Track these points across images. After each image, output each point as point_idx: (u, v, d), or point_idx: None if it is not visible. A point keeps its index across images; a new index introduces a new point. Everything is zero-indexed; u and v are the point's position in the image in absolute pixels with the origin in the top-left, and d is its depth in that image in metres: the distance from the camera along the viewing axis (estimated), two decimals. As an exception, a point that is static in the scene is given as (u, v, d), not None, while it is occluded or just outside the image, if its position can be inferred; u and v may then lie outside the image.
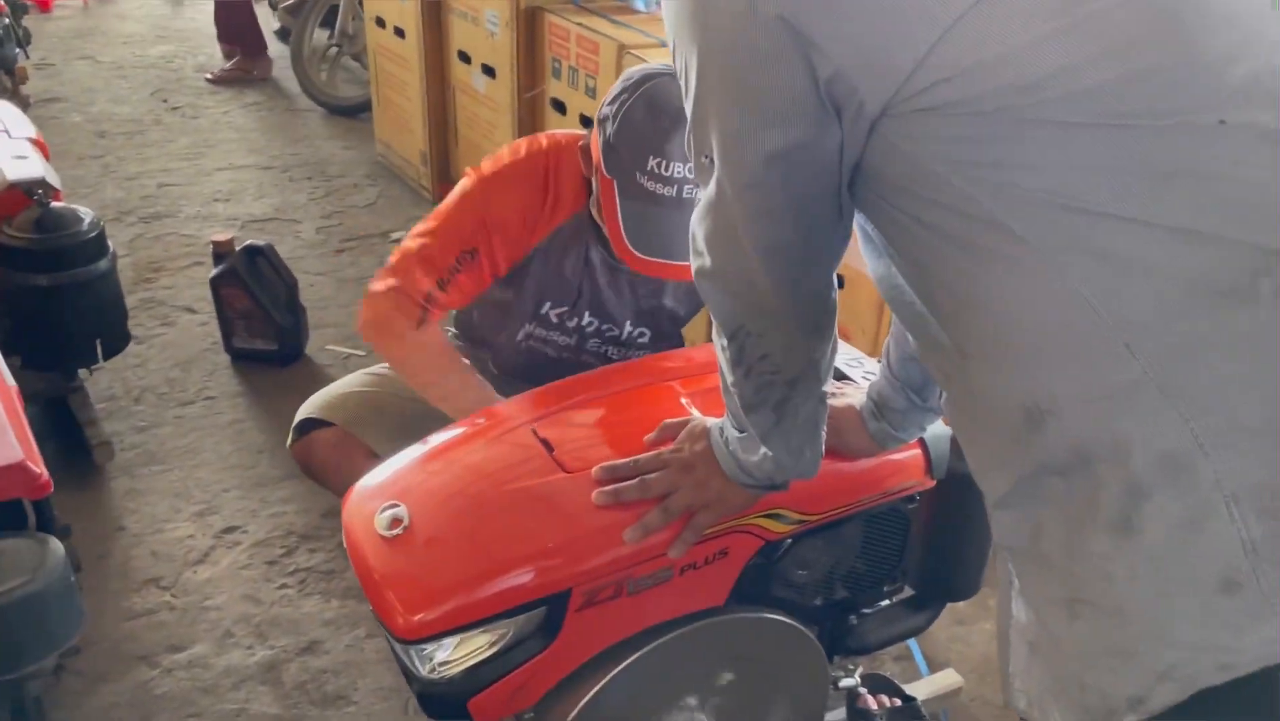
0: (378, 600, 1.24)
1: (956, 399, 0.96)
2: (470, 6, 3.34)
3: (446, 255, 1.65)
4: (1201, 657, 0.76)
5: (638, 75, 1.51)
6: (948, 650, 1.99)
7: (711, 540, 1.28)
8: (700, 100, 0.92)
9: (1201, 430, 0.74)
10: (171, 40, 5.66)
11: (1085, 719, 0.84)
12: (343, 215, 3.74)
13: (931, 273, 0.89)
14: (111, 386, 2.66)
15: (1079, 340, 0.78)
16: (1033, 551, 0.88)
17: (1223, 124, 0.73)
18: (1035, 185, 0.77)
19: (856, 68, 0.81)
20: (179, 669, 1.88)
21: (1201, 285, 0.74)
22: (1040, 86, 0.75)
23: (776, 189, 0.92)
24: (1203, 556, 0.75)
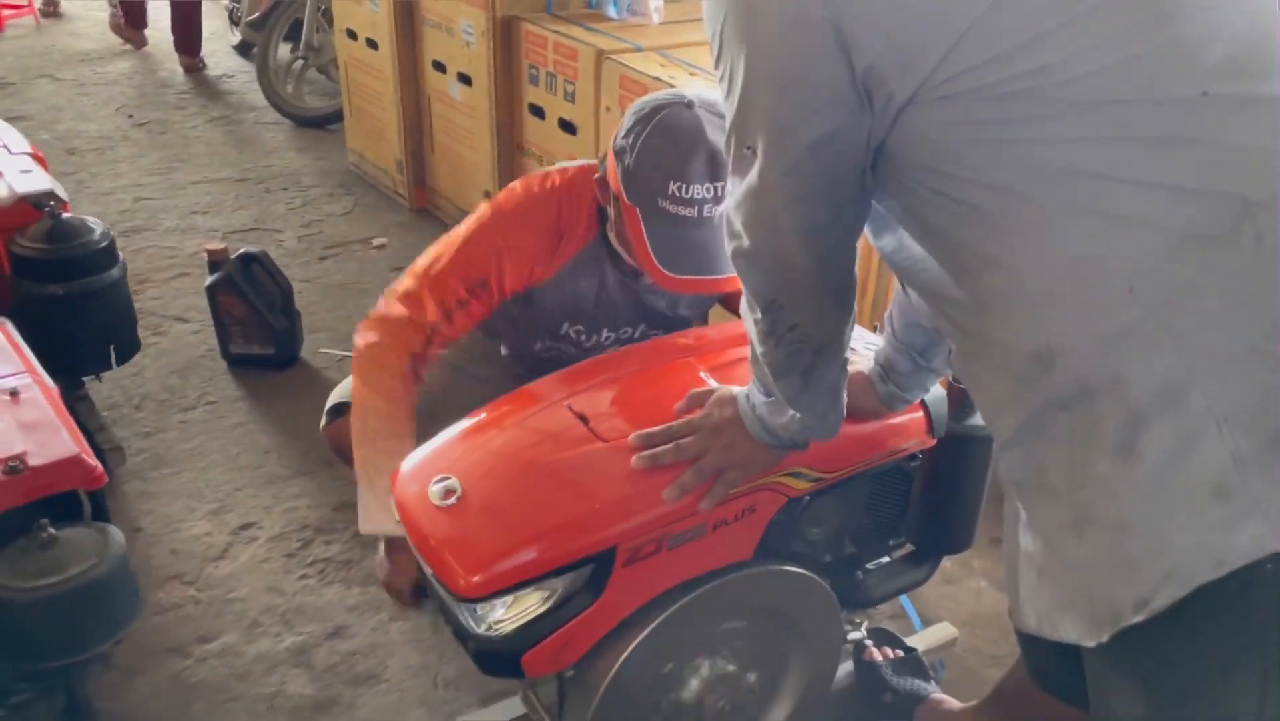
0: (438, 564, 1.33)
1: (971, 350, 1.08)
2: (444, 17, 3.42)
3: (457, 286, 1.71)
4: (1199, 558, 0.87)
5: (649, 106, 1.58)
6: (938, 607, 2.12)
7: (740, 497, 1.39)
8: (746, 97, 1.03)
9: (1193, 361, 0.86)
10: (130, 56, 5.66)
11: (1094, 624, 0.95)
12: (322, 224, 3.80)
13: (952, 238, 1.01)
14: (112, 395, 2.70)
15: (1087, 288, 0.90)
16: (1039, 483, 1.00)
17: (1205, 95, 0.86)
18: (1047, 156, 0.90)
19: (889, 62, 0.93)
20: (211, 657, 1.95)
21: (1192, 234, 0.86)
22: (1048, 72, 0.88)
23: (815, 173, 1.04)
24: (1197, 470, 0.87)
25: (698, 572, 1.41)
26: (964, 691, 1.80)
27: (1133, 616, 0.91)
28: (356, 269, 3.47)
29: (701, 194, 1.53)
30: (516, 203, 1.74)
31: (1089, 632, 0.96)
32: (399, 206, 3.93)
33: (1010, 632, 2.04)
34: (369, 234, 3.72)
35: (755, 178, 1.07)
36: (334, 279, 3.40)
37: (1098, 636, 0.95)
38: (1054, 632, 1.01)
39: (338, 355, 2.95)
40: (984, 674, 1.96)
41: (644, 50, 2.85)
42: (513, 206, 1.73)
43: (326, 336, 3.05)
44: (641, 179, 1.54)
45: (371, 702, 1.87)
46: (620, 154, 1.56)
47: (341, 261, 3.52)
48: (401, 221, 3.83)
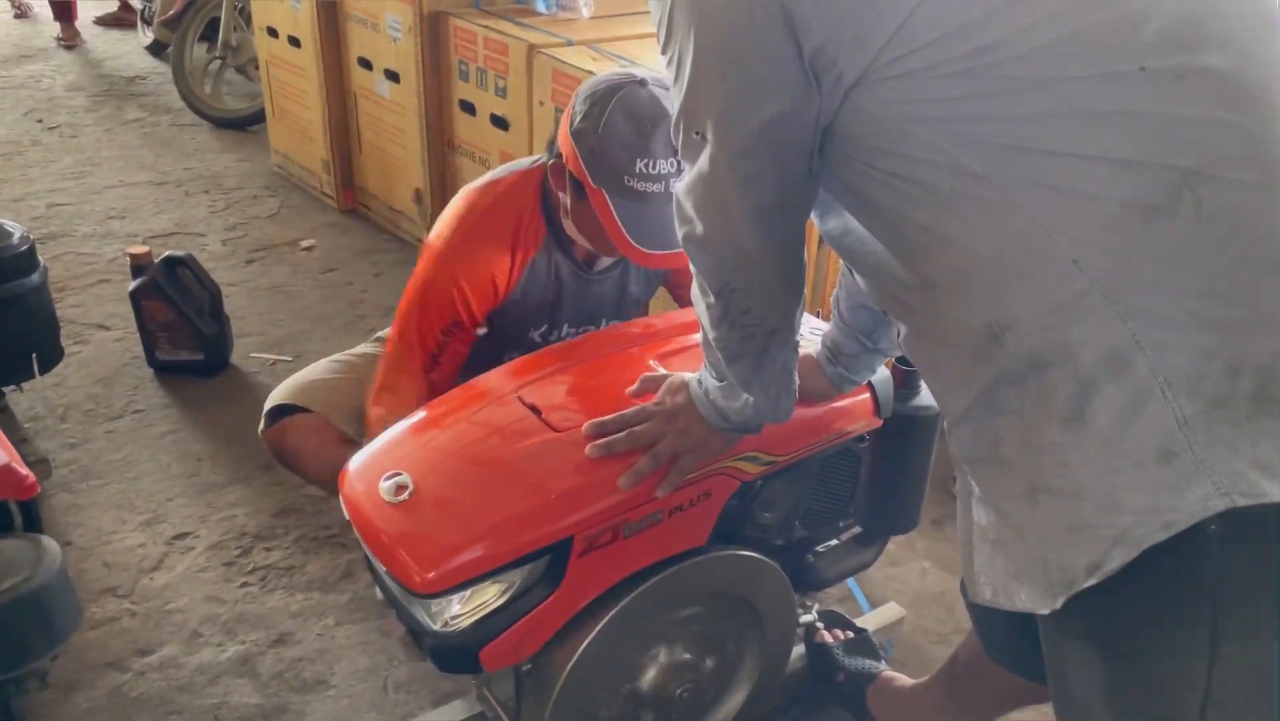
0: (391, 562, 1.31)
1: (921, 329, 1.10)
2: (369, 13, 3.37)
3: (430, 336, 1.71)
4: (1147, 520, 0.90)
5: (603, 87, 1.58)
6: (884, 589, 2.15)
7: (695, 483, 1.40)
8: (695, 81, 1.03)
9: (1137, 328, 0.89)
10: (37, 60, 5.46)
11: (1049, 591, 0.98)
12: (247, 226, 3.71)
13: (902, 218, 1.02)
14: (34, 406, 2.61)
15: (1035, 261, 0.92)
16: (993, 457, 1.02)
17: (1143, 70, 0.89)
18: (993, 133, 0.92)
19: (837, 43, 0.95)
20: (151, 671, 1.89)
21: (1133, 204, 0.88)
22: (994, 50, 0.90)
23: (764, 156, 1.04)
24: (1144, 434, 0.89)
25: (654, 559, 1.41)
26: (913, 669, 1.83)
27: (1086, 580, 0.93)
28: (286, 271, 3.40)
29: (666, 169, 1.55)
30: (467, 230, 1.71)
31: (1044, 599, 0.98)
32: (327, 207, 3.86)
33: (956, 611, 2.09)
34: (297, 236, 3.65)
35: (705, 162, 1.07)
36: (262, 282, 3.32)
37: (1052, 603, 0.97)
38: (1009, 603, 1.03)
39: (270, 359, 2.89)
40: (931, 651, 2.00)
41: (575, 44, 2.84)
42: (464, 237, 1.71)
43: (257, 340, 2.98)
44: (607, 160, 1.54)
45: (320, 710, 1.83)
46: (580, 137, 1.56)
47: (269, 264, 3.45)
48: (330, 222, 3.76)
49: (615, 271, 1.83)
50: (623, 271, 1.84)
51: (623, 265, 1.83)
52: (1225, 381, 0.87)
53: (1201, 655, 0.92)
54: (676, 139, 1.11)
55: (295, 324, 3.09)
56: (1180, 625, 0.93)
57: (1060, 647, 1.05)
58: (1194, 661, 0.92)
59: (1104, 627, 0.99)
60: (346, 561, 2.15)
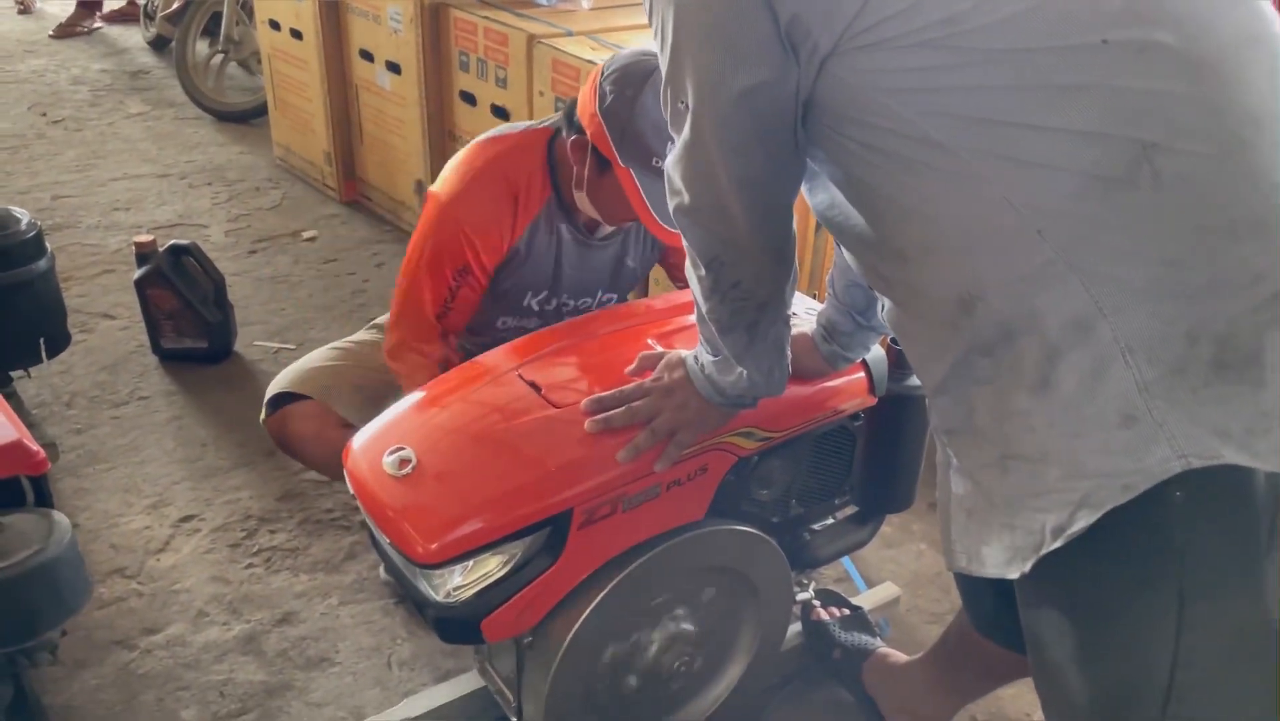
0: (395, 533, 1.34)
1: (899, 300, 1.12)
2: (371, 5, 3.40)
3: (441, 282, 1.74)
4: (1109, 483, 0.93)
5: (636, 69, 1.59)
6: (880, 570, 2.18)
7: (693, 457, 1.42)
8: (677, 51, 1.06)
9: (1100, 296, 0.91)
10: (41, 54, 5.49)
11: (1018, 555, 1.01)
12: (249, 218, 3.74)
13: (876, 189, 1.05)
14: (40, 393, 2.64)
15: (1001, 232, 0.95)
16: (968, 427, 1.05)
17: (1105, 43, 0.91)
18: (958, 104, 0.94)
19: (811, 13, 0.97)
20: (158, 649, 1.92)
21: (1095, 176, 0.91)
22: (958, 21, 0.92)
23: (747, 125, 1.06)
24: (1106, 398, 0.92)
25: (652, 533, 1.44)
26: (908, 648, 1.86)
27: (1052, 543, 0.97)
28: (288, 261, 3.43)
29: None
30: (468, 179, 1.74)
31: (1012, 564, 1.01)
32: (328, 199, 3.89)
33: (950, 592, 2.11)
34: (299, 226, 3.68)
35: (689, 132, 1.09)
36: (265, 272, 3.35)
37: (1021, 566, 1.00)
38: (980, 569, 1.06)
39: (273, 347, 2.92)
40: (926, 631, 2.03)
41: (575, 35, 2.87)
42: (465, 185, 1.73)
43: (261, 329, 3.01)
44: (638, 141, 1.56)
45: (325, 686, 1.86)
46: (611, 116, 1.58)
47: (272, 254, 3.48)
48: (331, 214, 3.79)
49: (615, 241, 1.86)
50: (621, 243, 1.86)
51: (621, 237, 1.85)
52: (1185, 347, 0.89)
53: (1169, 617, 0.95)
54: (665, 110, 1.14)
55: (297, 313, 3.12)
56: (1148, 587, 0.96)
57: (1035, 614, 1.08)
58: (1162, 623, 0.95)
59: (1075, 591, 1.02)
60: (349, 543, 2.18)
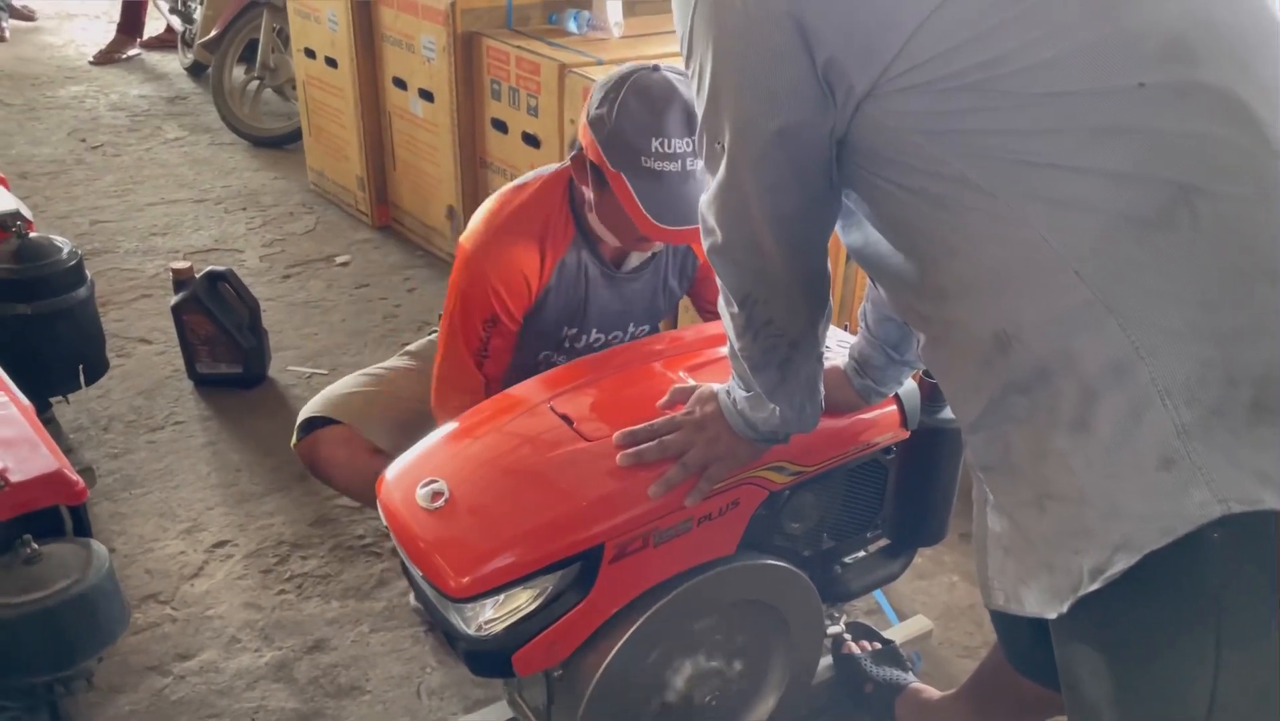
0: (428, 566, 1.35)
1: (935, 337, 1.12)
2: (405, 34, 3.44)
3: (473, 334, 1.75)
4: (1148, 526, 0.92)
5: (616, 76, 1.62)
6: (912, 602, 2.16)
7: (724, 492, 1.42)
8: (714, 92, 1.07)
9: (1138, 337, 0.91)
10: (81, 80, 5.59)
11: (1055, 595, 1.00)
12: (284, 243, 3.79)
13: (913, 228, 1.05)
14: (78, 417, 2.68)
15: (1038, 272, 0.95)
16: (1004, 465, 1.05)
17: (1142, 86, 0.91)
18: (997, 146, 0.94)
19: (848, 56, 0.98)
20: (191, 675, 1.94)
21: (1132, 218, 0.91)
22: (999, 64, 0.92)
23: (783, 164, 1.07)
24: (1144, 441, 0.91)
25: (683, 567, 1.43)
26: (940, 682, 1.84)
27: (1090, 584, 0.96)
28: (321, 286, 3.47)
29: (682, 147, 1.57)
30: (494, 230, 1.75)
31: (1050, 604, 1.00)
32: (361, 224, 3.93)
33: (984, 625, 2.09)
34: (332, 251, 3.72)
35: (725, 172, 1.10)
36: (299, 297, 3.39)
37: (1059, 606, 0.99)
38: (1019, 607, 1.05)
39: (306, 372, 2.95)
40: (958, 665, 2.01)
41: (605, 63, 2.89)
42: (491, 237, 1.75)
43: (294, 354, 3.04)
44: (623, 142, 1.57)
45: (355, 714, 1.87)
46: (597, 124, 1.59)
47: (305, 279, 3.52)
48: (364, 239, 3.83)
49: (644, 275, 1.86)
50: (650, 277, 1.87)
51: (650, 269, 1.86)
52: (1224, 390, 0.89)
53: (1207, 660, 0.93)
54: (700, 151, 1.15)
55: (330, 337, 3.15)
56: (1185, 631, 0.95)
57: (1071, 653, 1.07)
58: (1199, 666, 0.94)
59: (1111, 632, 1.01)
60: (380, 570, 2.19)
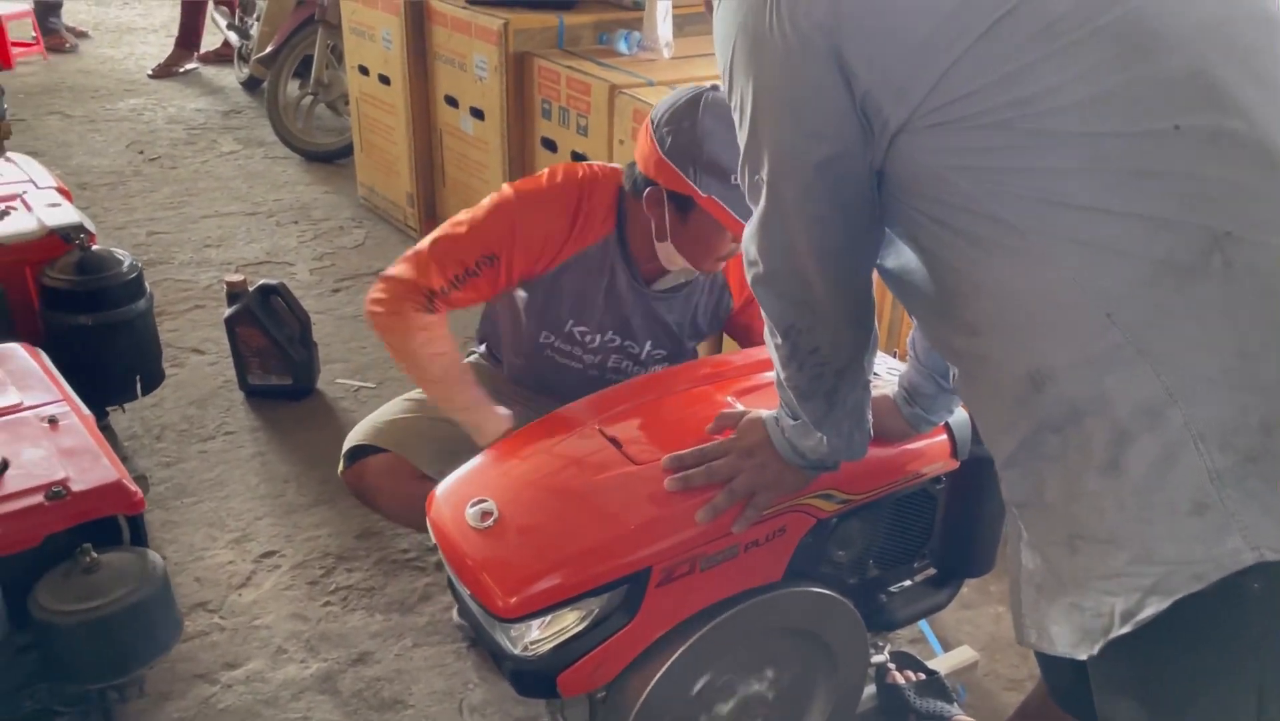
0: (476, 585, 1.36)
1: (968, 372, 1.12)
2: (457, 53, 3.49)
3: (468, 256, 1.75)
4: (1180, 571, 0.91)
5: (684, 102, 1.62)
6: (957, 632, 2.14)
7: (772, 519, 1.42)
8: (755, 126, 1.08)
9: (1171, 382, 0.90)
10: (139, 93, 5.73)
11: (1086, 637, 0.99)
12: (334, 256, 3.85)
13: (945, 262, 1.05)
14: (132, 425, 2.73)
15: (1069, 313, 0.94)
16: (1037, 502, 1.04)
17: (1177, 129, 0.90)
18: (1029, 185, 0.94)
19: (883, 90, 0.98)
20: (238, 684, 1.96)
21: (1165, 263, 0.90)
22: (1031, 103, 0.92)
23: (826, 195, 1.08)
24: (1177, 486, 0.90)
25: (729, 593, 1.43)
26: (985, 715, 1.82)
27: (1120, 627, 0.95)
28: (370, 301, 3.51)
29: None
30: (540, 186, 1.80)
31: (1081, 644, 0.99)
32: (410, 239, 3.97)
33: (1029, 657, 2.06)
34: (381, 266, 3.72)
35: (767, 204, 1.11)
36: (346, 310, 3.44)
37: (1089, 649, 0.98)
38: (1050, 646, 1.04)
39: (354, 385, 2.99)
40: (1003, 698, 1.98)
41: (656, 84, 2.91)
42: (535, 189, 1.79)
43: (342, 367, 3.09)
44: (713, 164, 1.58)
45: (398, 728, 1.89)
46: (678, 154, 1.60)
47: (354, 293, 3.56)
48: (413, 252, 3.87)
49: (674, 300, 1.87)
50: (681, 304, 1.88)
51: (681, 298, 1.88)
52: (1259, 437, 0.88)
53: (1248, 712, 0.92)
54: (742, 184, 1.15)
55: (378, 351, 3.18)
56: (1225, 682, 0.94)
57: (1108, 699, 1.06)
58: (1240, 717, 0.93)
59: (1148, 678, 1.00)
60: (424, 585, 2.21)
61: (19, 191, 2.44)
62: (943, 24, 0.93)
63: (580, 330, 1.88)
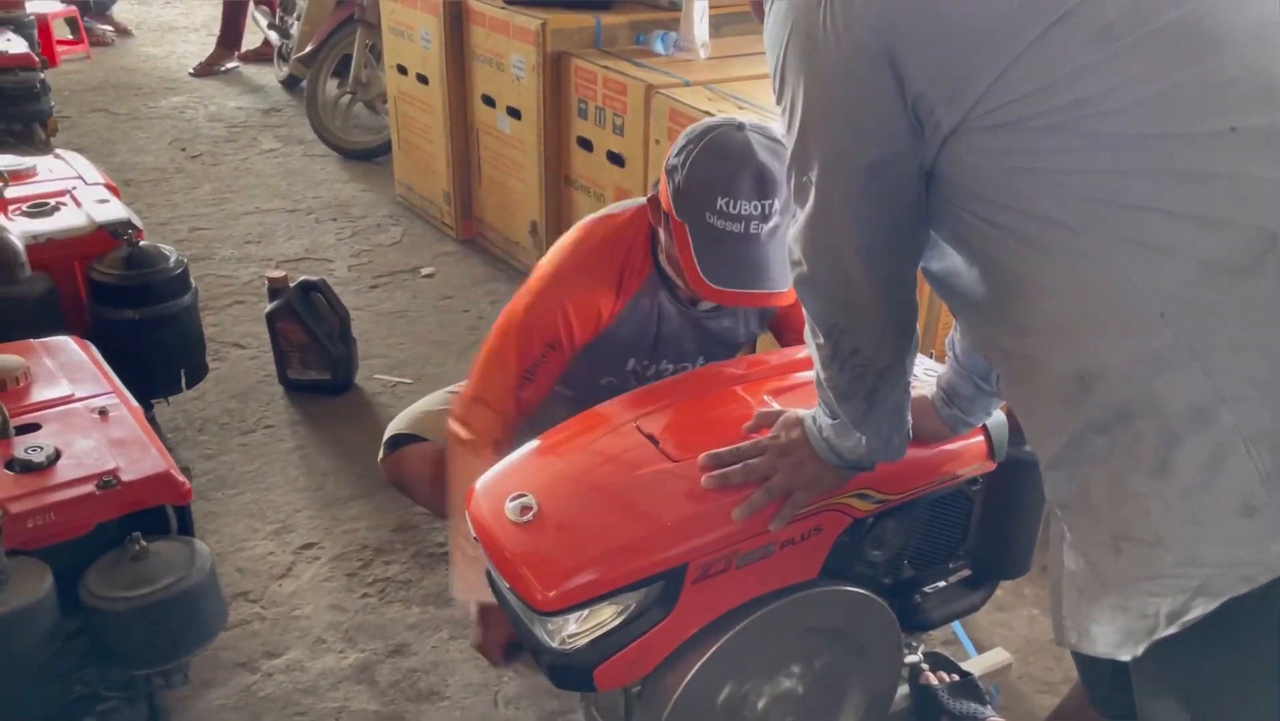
0: (515, 579, 1.38)
1: (1015, 373, 1.12)
2: (495, 53, 3.52)
3: (529, 352, 1.77)
4: (1228, 573, 0.91)
5: (700, 128, 1.65)
6: (991, 634, 2.13)
7: (808, 517, 1.43)
8: (805, 127, 1.08)
9: (1222, 384, 0.90)
10: (182, 91, 5.81)
11: (1130, 638, 0.99)
12: (371, 253, 3.89)
13: (996, 263, 1.05)
14: (175, 418, 2.78)
15: (1122, 314, 0.94)
16: (1082, 504, 1.04)
17: (1233, 130, 0.90)
18: (1083, 186, 0.94)
19: (937, 92, 0.99)
20: (278, 672, 2.00)
21: (1219, 263, 0.90)
22: (1085, 105, 0.92)
23: (874, 198, 1.08)
24: (1226, 488, 0.90)
25: (765, 590, 1.44)
26: (1018, 717, 1.82)
27: (1166, 628, 0.95)
28: (407, 297, 3.55)
29: (749, 210, 1.58)
30: (581, 258, 1.79)
31: (1124, 646, 1.00)
32: (446, 237, 4.02)
33: (1064, 660, 2.06)
34: (418, 263, 3.80)
35: (814, 205, 1.12)
36: (385, 306, 3.48)
37: (1133, 650, 0.99)
38: (1091, 648, 1.05)
39: (391, 380, 3.02)
40: (1038, 700, 1.98)
41: (692, 85, 2.92)
42: (577, 264, 1.78)
43: (380, 362, 3.12)
44: (690, 195, 1.60)
45: (434, 719, 1.91)
46: (671, 172, 1.63)
47: (391, 290, 3.61)
48: (449, 252, 3.91)
49: (723, 312, 1.88)
50: (730, 314, 1.88)
51: (727, 311, 1.88)
52: None
53: None
54: (789, 185, 1.16)
55: (415, 347, 3.23)
56: (1268, 680, 0.94)
57: (1151, 701, 1.06)
58: None
59: (1192, 680, 1.00)
60: (460, 578, 2.24)
61: (68, 187, 2.50)
62: (999, 26, 0.94)
63: (642, 364, 1.90)
